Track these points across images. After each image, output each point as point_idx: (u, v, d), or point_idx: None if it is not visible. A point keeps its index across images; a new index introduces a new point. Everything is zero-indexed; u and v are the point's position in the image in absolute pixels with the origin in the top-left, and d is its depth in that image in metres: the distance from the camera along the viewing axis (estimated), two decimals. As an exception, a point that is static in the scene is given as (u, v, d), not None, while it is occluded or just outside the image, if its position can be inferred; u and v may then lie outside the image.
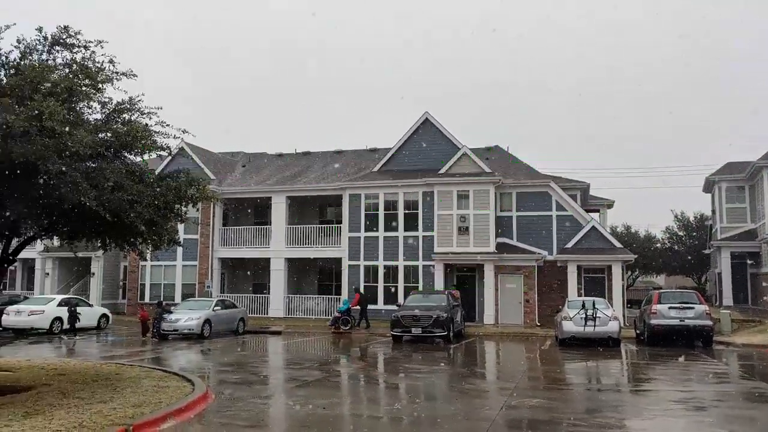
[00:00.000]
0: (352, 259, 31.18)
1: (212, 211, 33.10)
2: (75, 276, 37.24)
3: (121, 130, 10.92)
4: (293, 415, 10.34)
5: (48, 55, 11.00)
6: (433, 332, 22.12)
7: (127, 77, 11.37)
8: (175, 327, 23.75)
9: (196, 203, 12.63)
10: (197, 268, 33.52)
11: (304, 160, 37.38)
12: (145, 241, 11.80)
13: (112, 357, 17.98)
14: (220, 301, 26.63)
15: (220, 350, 20.64)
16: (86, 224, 10.78)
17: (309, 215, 34.89)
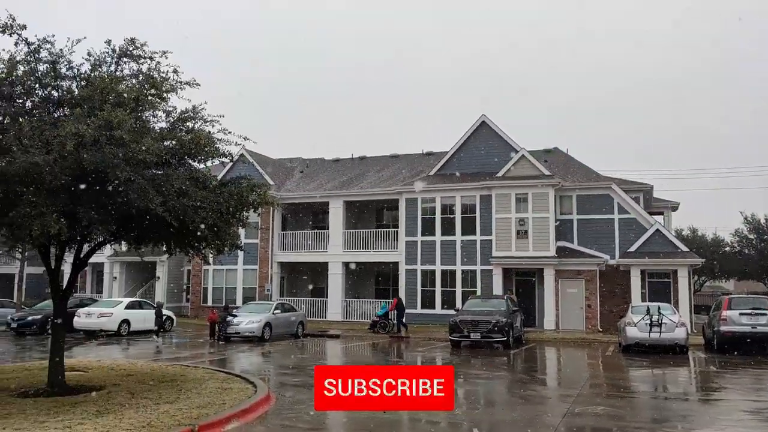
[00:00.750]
0: (408, 263, 31.15)
1: (271, 216, 33.67)
2: (141, 279, 38.48)
3: (185, 138, 11.19)
4: (354, 418, 10.37)
5: (116, 66, 11.38)
6: (492, 337, 21.86)
7: (190, 86, 11.66)
8: (237, 330, 24.24)
9: (257, 208, 12.85)
10: (257, 271, 34.14)
11: (361, 165, 37.62)
12: (209, 246, 12.06)
13: (177, 358, 18.47)
14: (279, 305, 27.04)
15: (280, 353, 20.94)
16: (152, 229, 11.10)
17: (366, 219, 35.08)
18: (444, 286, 30.44)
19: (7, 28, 10.26)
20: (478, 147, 31.97)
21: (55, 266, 11.84)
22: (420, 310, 30.55)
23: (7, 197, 9.43)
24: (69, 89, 10.84)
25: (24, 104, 10.46)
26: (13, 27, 10.32)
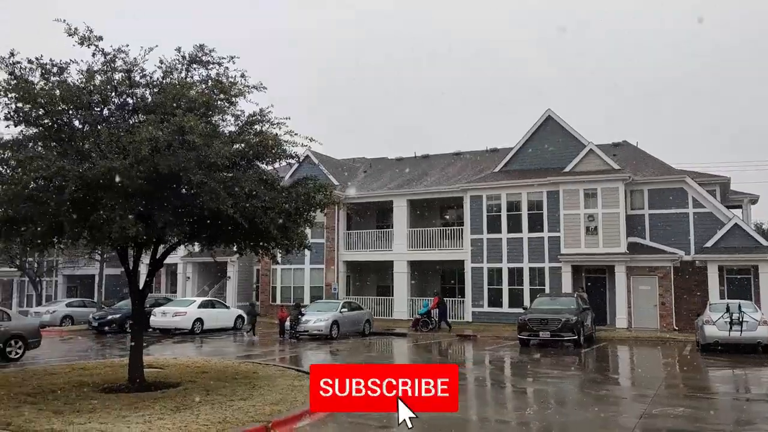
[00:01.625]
0: (474, 261, 30.88)
1: (336, 215, 34.03)
2: (213, 279, 39.61)
3: (254, 141, 11.44)
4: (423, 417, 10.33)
5: (186, 72, 11.74)
6: (561, 336, 21.41)
7: (257, 90, 11.90)
8: (305, 328, 24.63)
9: (323, 208, 13.02)
10: (324, 271, 34.58)
11: (424, 164, 37.57)
12: (278, 246, 12.29)
13: (249, 356, 18.90)
14: (346, 303, 27.31)
15: (348, 351, 21.13)
16: (224, 230, 11.40)
17: (430, 218, 34.98)
18: (511, 284, 30.02)
19: (85, 39, 10.74)
20: (543, 142, 31.38)
21: (133, 267, 12.32)
22: (487, 309, 30.25)
23: (88, 201, 9.87)
24: (143, 96, 11.26)
25: (101, 112, 10.92)
26: (90, 39, 10.80)
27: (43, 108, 10.22)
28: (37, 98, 10.08)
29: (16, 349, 17.57)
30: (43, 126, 10.60)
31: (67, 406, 9.76)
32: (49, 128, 10.60)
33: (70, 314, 33.43)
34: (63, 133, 10.57)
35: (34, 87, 10.18)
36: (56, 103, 10.19)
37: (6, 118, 10.26)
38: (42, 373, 13.63)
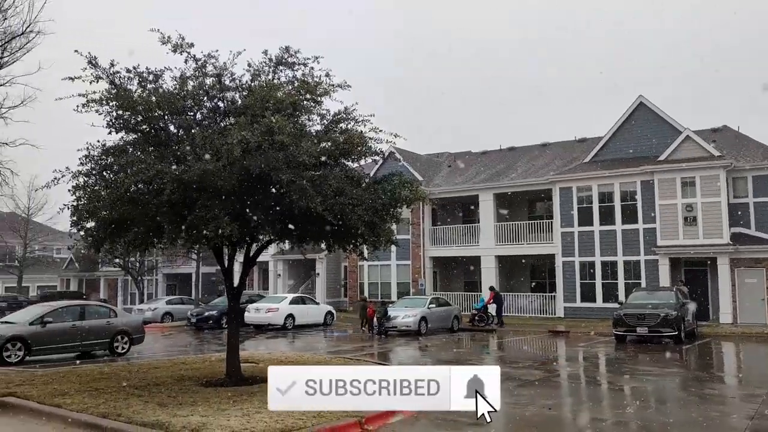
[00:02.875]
0: (565, 255, 30.03)
1: (422, 211, 33.98)
2: (302, 276, 40.52)
3: (339, 139, 11.54)
4: (517, 415, 10.13)
5: (273, 74, 11.99)
6: (660, 332, 20.47)
7: (342, 88, 12.00)
8: (393, 324, 24.75)
9: (410, 204, 12.99)
10: (410, 267, 34.63)
11: (510, 156, 36.90)
12: (366, 242, 12.35)
13: (339, 351, 19.18)
14: (434, 299, 27.23)
15: (437, 347, 21.05)
16: (313, 228, 11.57)
17: (517, 211, 34.31)
18: (605, 278, 28.98)
19: (178, 47, 11.17)
20: (635, 130, 30.11)
21: (228, 265, 12.73)
22: (579, 304, 29.37)
23: (185, 202, 10.26)
24: (233, 99, 11.59)
25: (195, 116, 11.33)
26: (182, 46, 11.23)
27: (141, 115, 10.71)
28: (135, 106, 10.57)
29: (123, 345, 18.59)
30: (142, 132, 11.11)
31: (170, 399, 10.20)
32: (147, 134, 11.11)
33: (170, 311, 35.12)
34: (160, 138, 11.05)
35: (133, 95, 10.67)
36: (153, 109, 10.65)
37: (108, 126, 10.82)
38: (147, 367, 14.34)
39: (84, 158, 10.91)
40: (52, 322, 17.26)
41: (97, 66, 10.68)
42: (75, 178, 10.81)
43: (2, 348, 16.12)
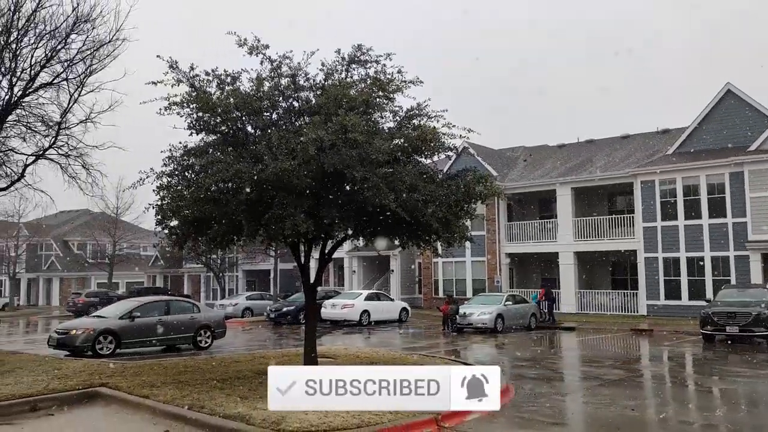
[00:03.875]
0: (648, 251, 28.92)
1: (497, 207, 33.53)
2: (377, 272, 40.80)
3: (412, 135, 11.50)
4: (597, 415, 9.86)
5: (346, 73, 12.08)
6: (753, 331, 19.38)
7: (414, 84, 11.96)
8: (469, 321, 24.53)
9: (484, 200, 12.80)
10: (485, 263, 34.24)
11: (588, 149, 35.87)
12: (440, 239, 12.27)
13: (414, 348, 19.17)
14: (510, 296, 26.83)
15: (513, 345, 20.73)
16: (387, 224, 11.59)
17: (597, 206, 33.29)
18: (690, 275, 27.73)
19: (254, 49, 11.43)
20: (723, 120, 28.62)
21: (304, 262, 12.94)
22: (663, 302, 28.24)
23: (262, 201, 10.49)
24: (307, 99, 11.75)
25: (271, 116, 11.56)
26: (258, 48, 11.48)
27: (220, 116, 11.02)
28: (214, 107, 10.88)
29: (206, 339, 19.25)
30: (221, 132, 11.44)
31: (251, 392, 10.46)
32: (226, 134, 11.43)
33: (250, 306, 36.15)
34: (238, 138, 11.33)
35: (212, 97, 10.99)
36: (231, 110, 10.94)
37: (189, 127, 11.19)
38: (228, 360, 14.78)
39: (167, 159, 11.34)
40: (140, 316, 18.08)
41: (177, 70, 11.07)
42: (159, 179, 11.25)
43: (95, 341, 17.00)
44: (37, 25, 14.24)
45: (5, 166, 15.84)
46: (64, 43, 14.59)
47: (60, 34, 14.47)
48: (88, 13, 14.58)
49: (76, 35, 14.65)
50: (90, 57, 14.85)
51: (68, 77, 14.90)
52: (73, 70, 14.89)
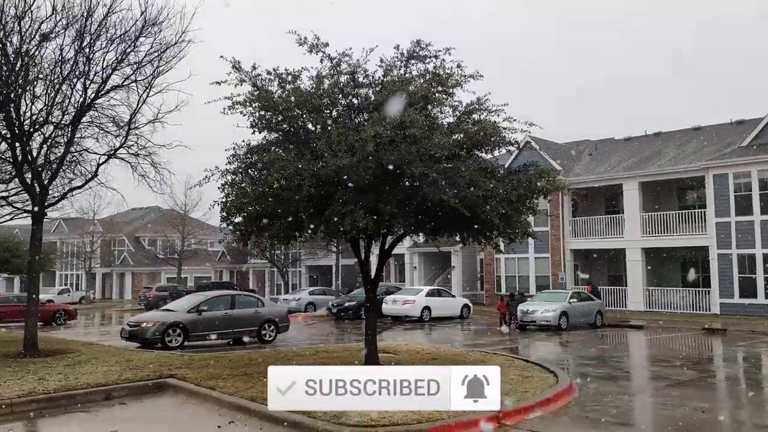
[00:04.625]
0: (721, 247, 27.74)
1: (560, 202, 32.85)
2: (438, 269, 40.67)
3: (472, 130, 11.38)
4: (667, 416, 9.54)
5: (405, 69, 12.05)
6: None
7: (474, 79, 11.84)
8: (532, 318, 24.15)
9: (546, 195, 12.57)
10: (549, 260, 33.62)
11: (656, 142, 34.66)
12: (500, 235, 12.11)
13: (476, 345, 19.03)
14: (575, 293, 26.25)
15: (578, 343, 20.29)
16: (447, 220, 11.52)
17: (666, 201, 32.16)
18: (767, 272, 26.46)
19: (313, 47, 11.55)
20: (803, 108, 27.17)
21: (364, 257, 13.01)
22: (738, 300, 27.03)
23: (322, 197, 10.61)
24: (366, 96, 11.79)
25: (331, 113, 11.65)
26: (318, 46, 11.59)
27: (282, 114, 11.19)
28: (276, 106, 11.05)
29: (270, 332, 19.64)
30: (282, 131, 11.61)
31: (312, 385, 10.60)
32: (287, 132, 11.60)
33: (312, 301, 36.67)
34: (299, 136, 11.48)
35: (273, 96, 11.18)
36: (292, 108, 11.09)
37: (251, 126, 11.41)
38: (291, 354, 15.03)
39: (231, 158, 11.61)
40: (207, 310, 18.61)
41: (240, 70, 11.30)
42: (223, 177, 11.53)
43: (164, 333, 17.60)
44: (108, 30, 14.80)
45: (80, 166, 16.55)
46: (134, 46, 15.12)
47: (129, 37, 14.99)
48: (155, 16, 15.06)
49: (144, 38, 15.14)
50: (157, 59, 15.33)
51: (137, 79, 15.42)
52: (141, 72, 15.39)
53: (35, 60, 14.60)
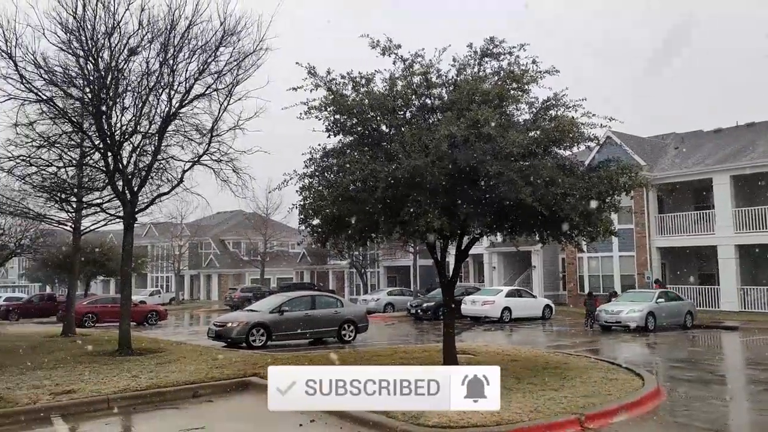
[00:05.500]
0: (824, 242, 25.94)
1: (645, 198, 31.59)
2: (518, 269, 39.99)
3: (549, 127, 11.14)
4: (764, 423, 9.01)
5: (478, 67, 11.95)
6: None
7: (549, 74, 11.59)
8: (617, 319, 23.36)
9: (629, 192, 12.14)
10: (634, 258, 32.41)
11: (749, 133, 32.74)
12: (581, 233, 11.81)
13: (558, 346, 18.59)
14: (663, 293, 25.19)
15: (666, 344, 19.48)
16: (524, 219, 11.33)
17: (761, 195, 30.28)
18: None
19: (386, 50, 11.63)
20: None
21: (441, 258, 12.97)
22: (844, 299, 25.21)
23: (397, 198, 10.64)
24: (440, 95, 11.76)
25: (404, 115, 11.69)
26: (390, 48, 11.66)
27: (356, 117, 11.32)
28: (350, 109, 11.20)
29: (349, 333, 19.88)
30: (357, 133, 11.74)
31: (392, 386, 10.64)
32: (362, 135, 11.71)
33: (391, 302, 36.85)
34: (373, 138, 11.58)
35: (348, 99, 11.32)
36: (366, 111, 11.21)
37: (327, 130, 11.58)
38: (370, 354, 15.16)
39: (308, 161, 11.84)
40: (288, 310, 19.04)
41: (315, 75, 11.50)
42: (301, 180, 11.78)
43: (248, 333, 18.13)
44: (190, 41, 15.42)
45: (167, 173, 17.34)
46: (214, 56, 15.68)
47: (210, 47, 15.56)
48: (234, 26, 15.56)
49: (224, 48, 15.68)
50: (236, 67, 15.83)
51: (218, 88, 15.98)
52: (222, 81, 15.95)
53: (124, 73, 15.39)
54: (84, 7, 14.51)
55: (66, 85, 15.25)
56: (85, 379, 11.64)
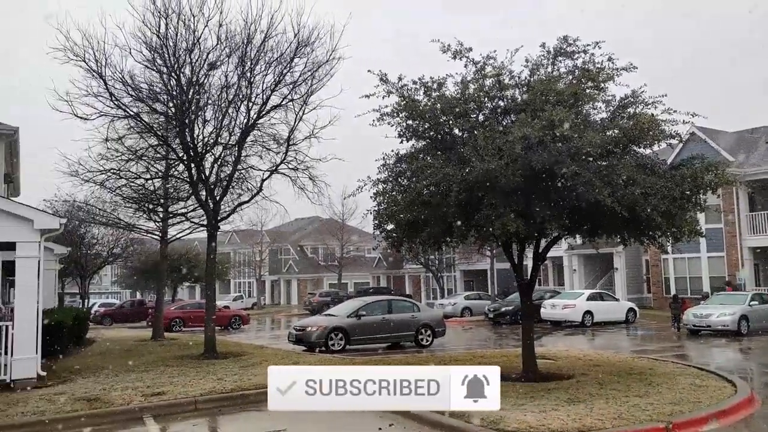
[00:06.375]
0: None
1: (735, 196, 30.07)
2: (599, 271, 38.86)
3: (627, 125, 10.83)
4: None
5: (552, 66, 11.72)
6: None
7: (627, 71, 11.26)
8: (707, 323, 22.32)
9: (715, 190, 11.61)
10: (724, 259, 30.90)
11: None
12: (664, 234, 11.38)
13: (643, 351, 17.96)
14: (756, 295, 23.89)
15: (762, 350, 18.47)
16: (603, 221, 11.01)
17: None
18: None
19: (457, 53, 11.60)
20: None
21: (518, 261, 12.79)
22: None
23: (471, 202, 10.59)
24: (513, 97, 11.62)
25: (477, 118, 11.61)
26: (461, 52, 11.63)
27: (428, 122, 11.34)
28: (423, 114, 11.23)
29: (426, 337, 19.89)
30: (429, 138, 11.75)
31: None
32: (434, 139, 11.72)
33: (468, 306, 36.57)
34: (445, 142, 11.56)
35: (419, 105, 11.36)
36: (438, 116, 11.21)
37: (399, 135, 11.65)
38: (447, 359, 15.11)
39: (381, 167, 11.93)
40: (365, 315, 19.25)
41: (387, 81, 11.61)
42: (375, 186, 11.88)
43: (327, 337, 18.43)
44: (266, 54, 15.89)
45: (247, 182, 17.94)
46: (289, 67, 16.09)
47: (285, 59, 15.98)
48: (307, 37, 15.93)
49: (298, 59, 16.08)
50: (310, 77, 16.19)
51: (294, 98, 16.40)
52: (297, 91, 16.35)
53: (204, 87, 16.03)
54: (167, 26, 15.24)
55: (151, 100, 16.05)
56: (174, 382, 12.17)
